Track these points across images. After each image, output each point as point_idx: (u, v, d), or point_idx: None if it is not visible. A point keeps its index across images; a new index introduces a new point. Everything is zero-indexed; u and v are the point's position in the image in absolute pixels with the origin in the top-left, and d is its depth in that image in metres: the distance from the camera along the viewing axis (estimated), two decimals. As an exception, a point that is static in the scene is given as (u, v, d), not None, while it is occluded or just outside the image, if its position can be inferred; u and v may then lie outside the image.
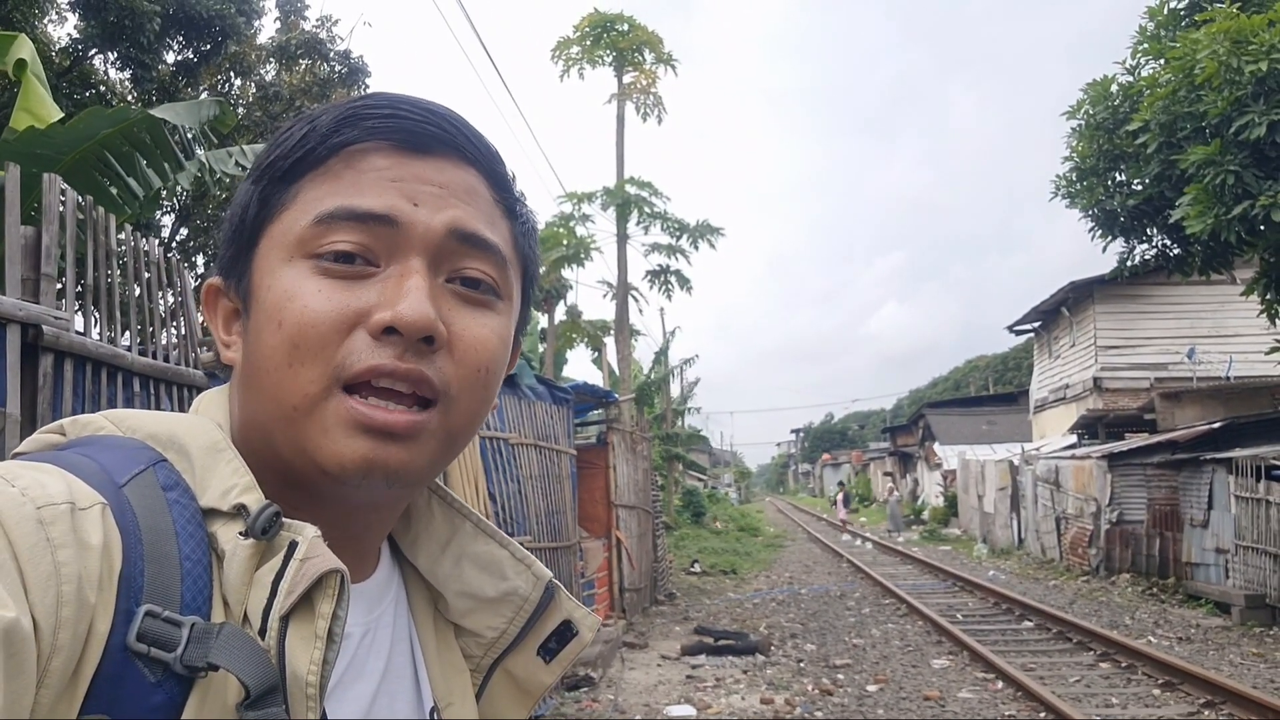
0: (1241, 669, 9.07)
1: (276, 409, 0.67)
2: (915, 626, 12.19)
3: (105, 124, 5.55)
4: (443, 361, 0.68)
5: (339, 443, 0.65)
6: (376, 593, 0.78)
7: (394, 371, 0.65)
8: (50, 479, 0.58)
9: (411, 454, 0.67)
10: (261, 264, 0.69)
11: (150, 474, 0.64)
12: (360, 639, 0.74)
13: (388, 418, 0.65)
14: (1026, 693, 8.06)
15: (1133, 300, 22.10)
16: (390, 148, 0.69)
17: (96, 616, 0.56)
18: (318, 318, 0.65)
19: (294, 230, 0.68)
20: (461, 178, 0.71)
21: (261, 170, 0.71)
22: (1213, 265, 12.60)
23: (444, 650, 0.81)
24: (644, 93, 20.27)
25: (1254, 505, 11.96)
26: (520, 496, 7.92)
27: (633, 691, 8.66)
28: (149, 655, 0.57)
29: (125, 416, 0.69)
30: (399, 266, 0.67)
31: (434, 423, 0.68)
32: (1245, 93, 10.41)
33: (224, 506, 0.64)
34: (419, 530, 0.82)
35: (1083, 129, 13.53)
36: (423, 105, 0.71)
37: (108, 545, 0.57)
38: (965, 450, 29.74)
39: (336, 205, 0.67)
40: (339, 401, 0.65)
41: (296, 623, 0.61)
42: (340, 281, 0.66)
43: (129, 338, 3.40)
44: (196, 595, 0.60)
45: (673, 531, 23.41)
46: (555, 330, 20.43)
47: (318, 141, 0.69)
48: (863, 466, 61.34)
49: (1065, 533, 18.33)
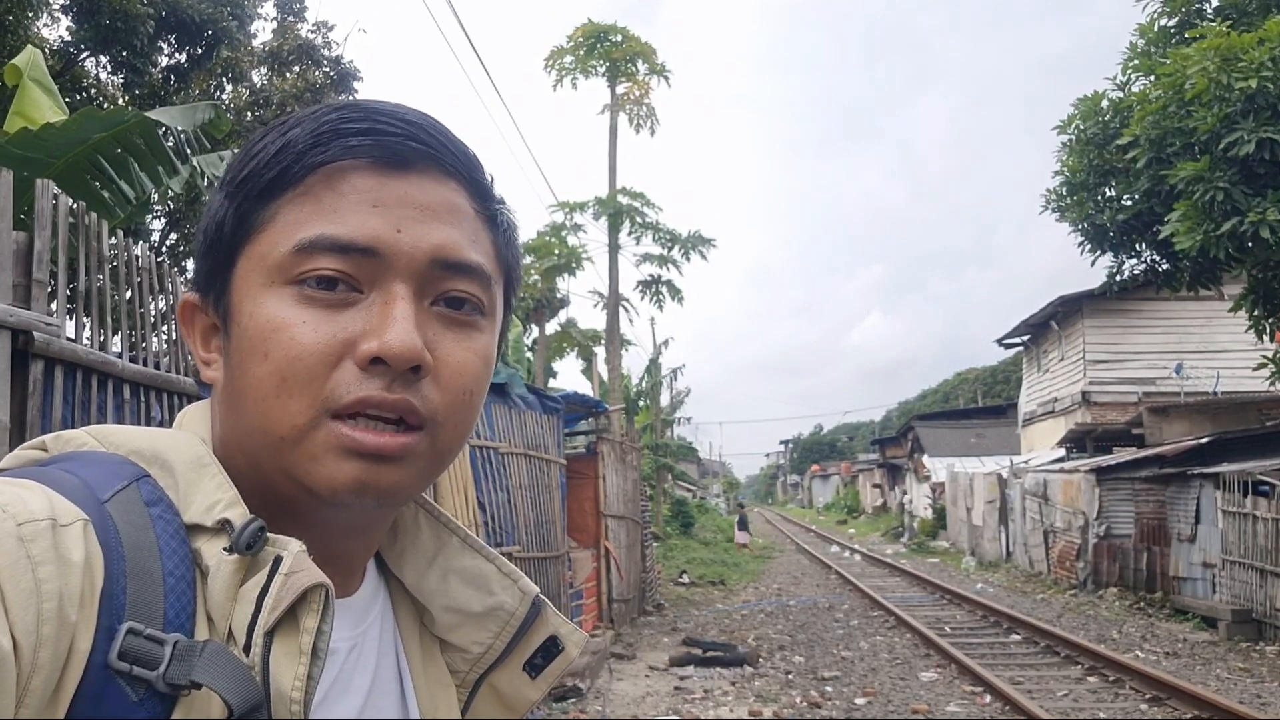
0: (1228, 684, 9.09)
1: (263, 437, 0.66)
2: (904, 639, 12.19)
3: (99, 127, 5.53)
4: (428, 389, 0.67)
5: (329, 467, 0.65)
6: (362, 608, 0.77)
7: (382, 403, 0.65)
8: (32, 495, 0.57)
9: (402, 474, 0.67)
10: (240, 286, 0.68)
11: (133, 489, 0.63)
12: (346, 654, 0.73)
13: (379, 441, 0.65)
14: (1015, 706, 8.07)
15: (1121, 315, 22.21)
16: (370, 165, 0.67)
17: (78, 634, 0.55)
18: (305, 351, 0.64)
19: (273, 255, 0.66)
20: (443, 195, 0.69)
21: (236, 185, 0.69)
22: (1201, 281, 12.68)
23: (430, 665, 0.81)
24: (637, 103, 20.33)
25: (1241, 520, 12.01)
26: (510, 506, 7.90)
27: (620, 703, 8.63)
28: (131, 674, 0.56)
29: (109, 432, 0.69)
30: (383, 293, 0.66)
31: (422, 445, 0.67)
32: (1235, 109, 10.49)
33: (208, 522, 0.63)
34: (405, 544, 0.81)
35: (1073, 144, 13.62)
36: (401, 116, 0.69)
37: (89, 562, 0.56)
38: (954, 463, 29.79)
39: (318, 234, 0.66)
40: (328, 429, 0.65)
41: (281, 638, 0.60)
42: (325, 310, 0.65)
43: (120, 343, 3.39)
44: (180, 612, 0.60)
45: (662, 542, 23.40)
46: (546, 341, 20.42)
47: (294, 159, 0.67)
48: (851, 478, 61.41)
49: (1053, 546, 18.37)
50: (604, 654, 10.43)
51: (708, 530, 32.59)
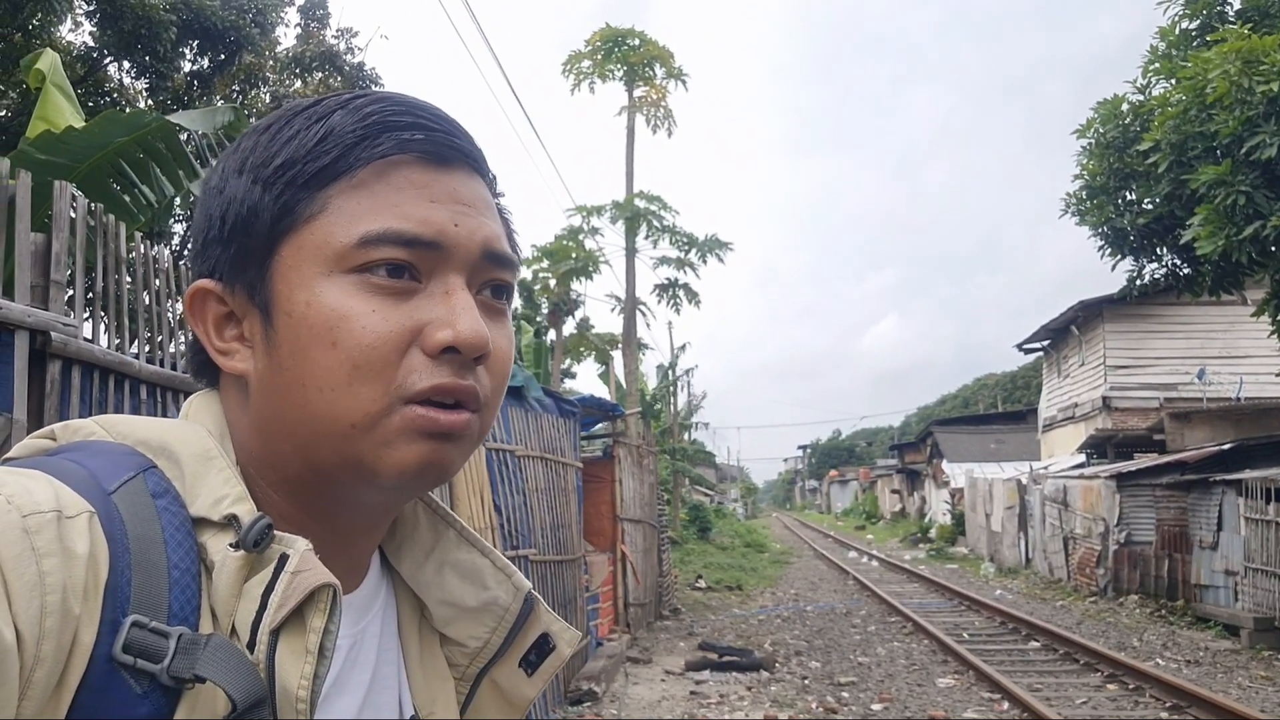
0: (1250, 692, 8.99)
1: (328, 425, 0.67)
2: (921, 645, 12.13)
3: (120, 130, 5.57)
4: (483, 374, 0.70)
5: (401, 450, 0.67)
6: (364, 603, 0.77)
7: (455, 389, 0.67)
8: (38, 486, 0.58)
9: (460, 452, 0.70)
10: (291, 275, 0.68)
11: (140, 480, 0.63)
12: (346, 652, 0.73)
13: (452, 419, 0.68)
14: (1033, 714, 8.01)
15: (1143, 320, 22.04)
16: (419, 160, 0.69)
17: (81, 627, 0.55)
18: (378, 339, 0.66)
19: (331, 244, 0.67)
20: (478, 191, 0.73)
21: (273, 173, 0.68)
22: (1223, 285, 12.56)
23: (428, 658, 0.81)
24: (654, 105, 20.33)
25: (1263, 527, 11.88)
26: (526, 509, 7.90)
27: (636, 707, 8.62)
28: (135, 666, 0.56)
29: (116, 422, 0.69)
30: (442, 283, 0.69)
31: (475, 424, 0.70)
32: (1257, 113, 10.39)
33: (214, 516, 0.63)
34: (404, 537, 0.82)
35: (1093, 147, 13.52)
36: (439, 114, 0.72)
37: (94, 554, 0.57)
38: (973, 468, 29.64)
39: (384, 228, 0.67)
40: (402, 413, 0.67)
41: (287, 636, 0.60)
42: (390, 299, 0.67)
43: (137, 346, 3.41)
44: (184, 605, 0.60)
45: (678, 546, 23.36)
46: (563, 344, 20.45)
47: (344, 150, 0.68)
48: (870, 484, 61.19)
49: (1073, 553, 18.23)
50: (620, 658, 10.42)
51: (725, 535, 32.52)
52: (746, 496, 74.14)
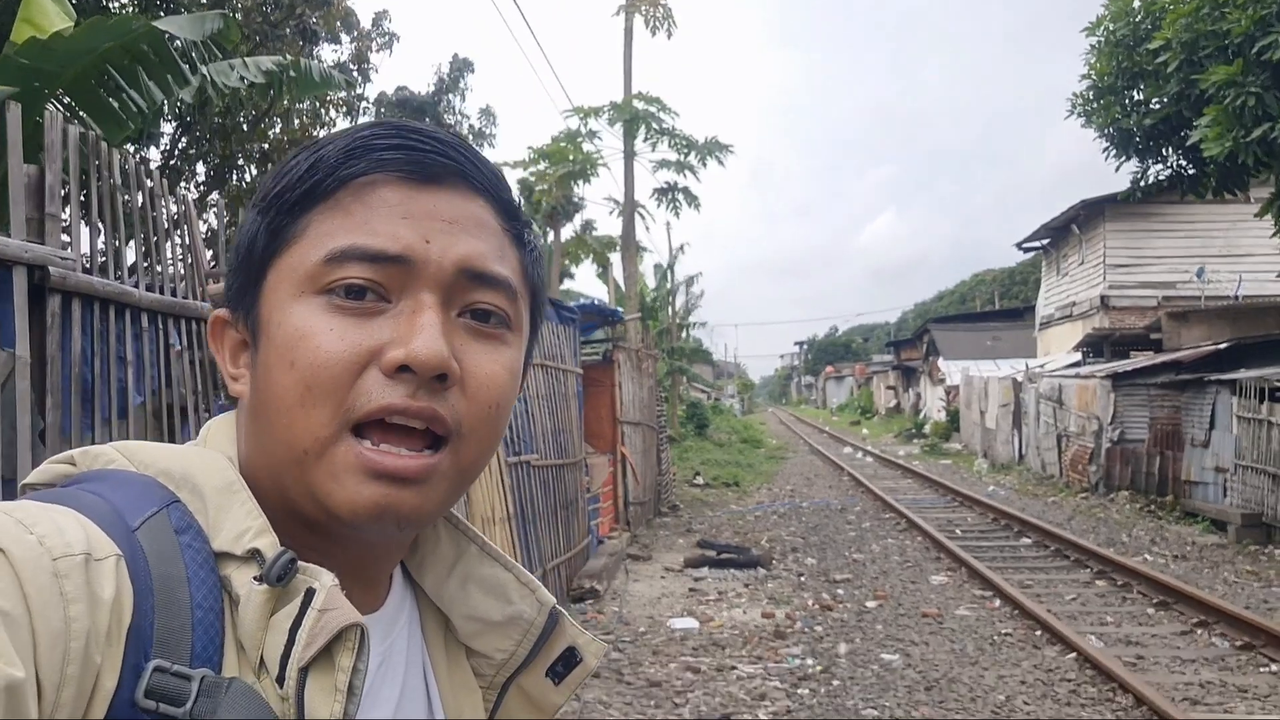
0: (1235, 587, 9.23)
1: (288, 451, 0.67)
2: (914, 542, 12.39)
3: (107, 36, 5.43)
4: (455, 398, 0.67)
5: (349, 489, 0.65)
6: (389, 619, 0.78)
7: (406, 410, 0.65)
8: (69, 525, 0.58)
9: (424, 497, 0.67)
10: (270, 298, 0.68)
11: (163, 516, 0.63)
12: (375, 669, 0.74)
13: (398, 463, 0.65)
14: (1023, 611, 8.24)
15: (1144, 218, 21.87)
16: (399, 179, 0.68)
17: (103, 673, 0.56)
18: (331, 358, 0.65)
19: (303, 265, 0.67)
20: (471, 210, 0.70)
21: (268, 201, 0.70)
22: (1228, 186, 12.45)
23: (454, 670, 0.82)
24: (653, 4, 19.76)
25: (1256, 426, 12.04)
26: (528, 415, 7.98)
27: (637, 604, 8.85)
28: (157, 711, 0.57)
29: (137, 450, 0.69)
30: (411, 302, 0.67)
31: (445, 463, 0.68)
32: (1270, 12, 10.14)
33: (237, 550, 0.64)
34: (425, 553, 0.82)
35: (1102, 45, 13.22)
36: (430, 134, 0.70)
37: (119, 599, 0.57)
38: (969, 366, 29.78)
39: (349, 244, 0.66)
40: (348, 446, 0.65)
41: (316, 674, 0.61)
42: (353, 319, 0.66)
43: (133, 252, 3.36)
44: (207, 645, 0.61)
45: (676, 444, 23.64)
46: (562, 247, 20.29)
47: (326, 173, 0.68)
48: (866, 380, 61.57)
49: (1066, 450, 18.49)
50: (620, 556, 10.66)
51: (722, 432, 32.91)
52: (743, 393, 74.74)
